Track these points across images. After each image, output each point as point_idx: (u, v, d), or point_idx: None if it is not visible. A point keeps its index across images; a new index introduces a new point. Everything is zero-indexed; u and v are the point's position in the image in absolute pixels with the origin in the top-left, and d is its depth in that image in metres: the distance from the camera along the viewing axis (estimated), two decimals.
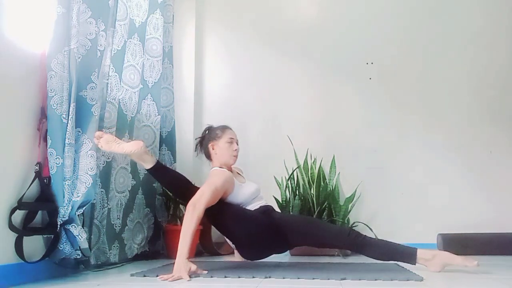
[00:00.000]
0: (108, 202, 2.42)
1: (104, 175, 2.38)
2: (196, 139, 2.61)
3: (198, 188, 2.20)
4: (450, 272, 2.10)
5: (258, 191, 2.45)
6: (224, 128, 2.50)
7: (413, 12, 3.56)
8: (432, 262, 2.09)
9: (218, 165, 2.44)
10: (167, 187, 2.61)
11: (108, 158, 2.44)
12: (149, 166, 2.28)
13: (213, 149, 2.46)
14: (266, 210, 2.37)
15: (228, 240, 2.40)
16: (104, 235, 2.35)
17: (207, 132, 2.54)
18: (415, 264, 2.12)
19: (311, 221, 2.55)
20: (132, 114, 2.69)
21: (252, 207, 2.36)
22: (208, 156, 2.51)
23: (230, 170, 2.47)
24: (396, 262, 2.23)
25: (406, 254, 2.13)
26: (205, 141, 2.52)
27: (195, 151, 2.59)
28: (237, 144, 2.49)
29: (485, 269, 2.19)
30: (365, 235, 2.19)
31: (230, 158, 2.45)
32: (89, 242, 2.19)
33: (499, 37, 3.45)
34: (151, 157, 2.30)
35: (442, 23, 3.51)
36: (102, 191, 2.36)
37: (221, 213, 2.22)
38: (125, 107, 2.62)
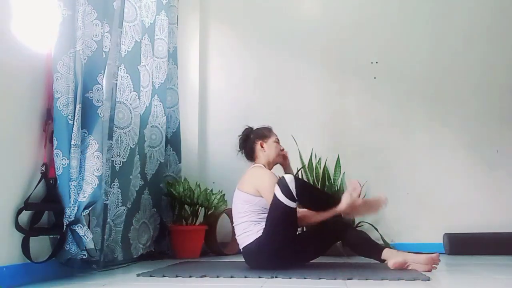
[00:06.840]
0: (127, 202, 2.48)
1: (123, 175, 2.44)
2: (238, 136, 2.60)
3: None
4: (457, 272, 2.09)
5: None
6: (270, 129, 2.59)
7: (418, 11, 3.54)
8: (395, 256, 2.15)
9: (264, 163, 2.49)
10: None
11: (124, 159, 2.47)
12: None
13: (262, 147, 2.51)
14: None
15: (239, 239, 2.31)
16: (117, 234, 2.39)
17: (250, 132, 2.57)
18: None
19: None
20: (142, 114, 2.73)
21: None
22: (252, 154, 2.53)
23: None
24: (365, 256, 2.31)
25: (375, 248, 2.23)
26: (250, 140, 2.55)
27: (239, 150, 2.58)
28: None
29: (491, 269, 2.18)
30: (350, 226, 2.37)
31: (278, 156, 2.56)
32: (102, 242, 2.21)
33: (506, 35, 3.43)
34: None
35: (448, 21, 3.49)
36: (118, 191, 2.42)
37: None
38: (137, 108, 2.63)
